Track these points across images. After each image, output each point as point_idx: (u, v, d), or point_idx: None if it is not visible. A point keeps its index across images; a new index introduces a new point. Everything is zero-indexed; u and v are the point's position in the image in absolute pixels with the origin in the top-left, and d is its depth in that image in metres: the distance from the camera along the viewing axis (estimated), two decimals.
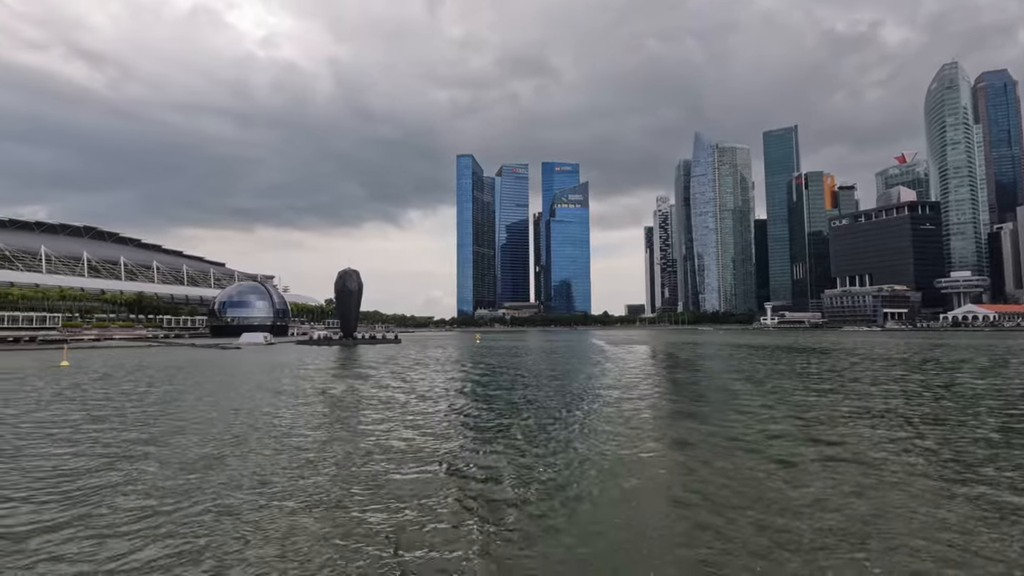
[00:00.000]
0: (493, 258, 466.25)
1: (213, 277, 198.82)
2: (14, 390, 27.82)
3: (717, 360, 48.06)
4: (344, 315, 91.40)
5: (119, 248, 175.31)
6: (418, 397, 24.66)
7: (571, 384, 29.29)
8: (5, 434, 16.36)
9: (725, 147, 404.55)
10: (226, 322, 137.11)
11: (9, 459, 13.27)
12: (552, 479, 11.27)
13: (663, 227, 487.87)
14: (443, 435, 15.95)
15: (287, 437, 15.64)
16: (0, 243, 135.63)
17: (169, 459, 13.04)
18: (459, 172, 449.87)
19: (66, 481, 11.30)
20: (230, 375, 36.61)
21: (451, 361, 50.68)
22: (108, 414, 20.08)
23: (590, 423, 17.34)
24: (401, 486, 10.91)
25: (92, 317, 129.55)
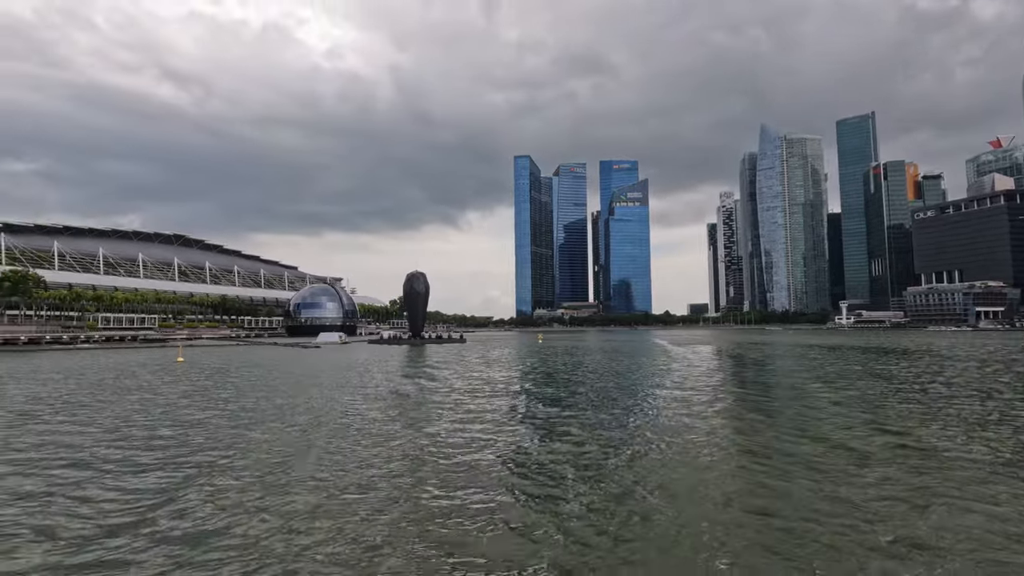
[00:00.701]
0: (551, 258, 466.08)
1: (287, 280, 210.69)
2: (160, 382, 31.46)
3: (787, 360, 46.74)
4: (412, 316, 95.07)
5: (204, 254, 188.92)
6: (495, 393, 25.97)
7: (637, 383, 29.74)
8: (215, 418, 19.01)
9: (794, 138, 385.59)
10: (300, 322, 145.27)
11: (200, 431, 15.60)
12: (616, 479, 11.18)
13: (727, 223, 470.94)
14: (513, 430, 16.92)
15: (381, 425, 17.28)
16: (105, 251, 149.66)
17: (287, 440, 14.90)
18: (516, 173, 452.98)
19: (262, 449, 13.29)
20: (324, 371, 39.48)
21: (517, 360, 51.94)
22: (244, 403, 22.65)
23: (657, 424, 17.35)
24: (479, 480, 11.29)
25: (183, 318, 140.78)
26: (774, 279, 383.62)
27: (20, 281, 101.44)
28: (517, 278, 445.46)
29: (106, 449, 14.36)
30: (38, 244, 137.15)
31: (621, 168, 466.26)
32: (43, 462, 13.08)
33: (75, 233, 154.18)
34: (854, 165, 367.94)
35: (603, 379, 31.88)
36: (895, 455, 12.88)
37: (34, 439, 15.83)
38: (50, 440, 15.64)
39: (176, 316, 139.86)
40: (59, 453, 13.98)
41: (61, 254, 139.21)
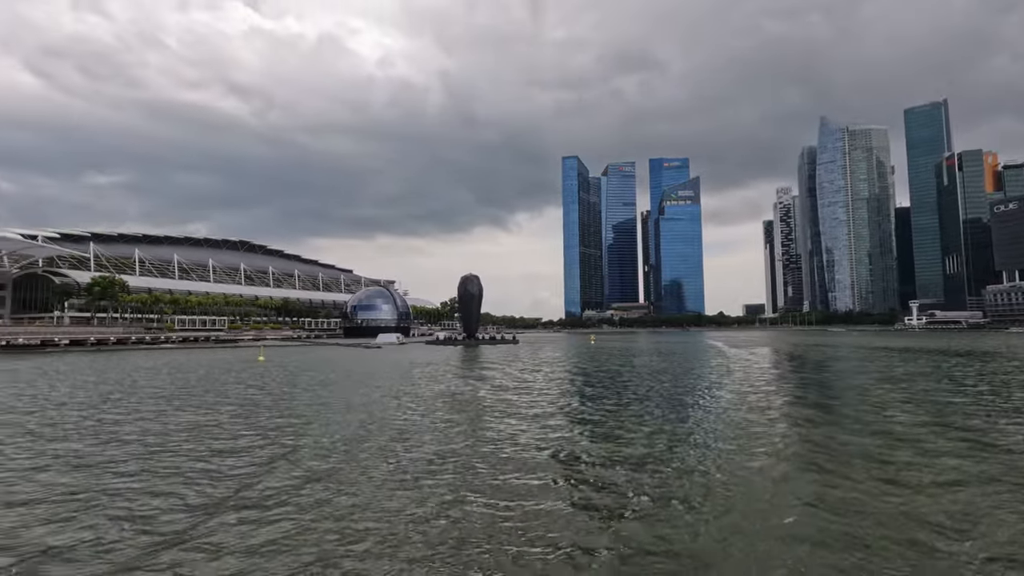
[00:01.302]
0: (600, 258, 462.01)
1: (343, 283, 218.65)
2: (266, 380, 34.12)
3: (854, 363, 45.17)
4: (466, 317, 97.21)
5: (267, 259, 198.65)
6: (560, 393, 26.76)
7: (696, 385, 29.79)
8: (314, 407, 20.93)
9: (857, 129, 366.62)
10: (357, 324, 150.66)
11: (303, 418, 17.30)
12: (670, 482, 11.06)
13: (785, 220, 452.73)
14: (575, 431, 17.52)
15: (444, 417, 18.40)
16: (180, 257, 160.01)
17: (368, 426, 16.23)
18: (564, 174, 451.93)
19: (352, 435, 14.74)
20: (398, 367, 41.45)
21: (573, 361, 52.46)
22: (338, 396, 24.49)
23: (718, 428, 16.93)
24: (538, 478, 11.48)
25: (249, 320, 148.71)
26: (836, 278, 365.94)
27: (108, 286, 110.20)
28: (566, 279, 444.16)
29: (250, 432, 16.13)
30: (121, 252, 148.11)
31: (671, 166, 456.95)
32: (202, 442, 14.90)
33: (153, 241, 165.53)
34: (924, 156, 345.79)
35: (661, 380, 32.04)
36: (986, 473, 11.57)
37: (183, 423, 17.86)
38: (203, 423, 17.60)
39: (243, 318, 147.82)
40: (216, 435, 15.81)
41: (141, 260, 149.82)
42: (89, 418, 19.66)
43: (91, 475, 11.96)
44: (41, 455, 13.80)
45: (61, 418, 19.74)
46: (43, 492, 10.71)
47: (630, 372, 37.74)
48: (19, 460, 13.35)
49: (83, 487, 11.02)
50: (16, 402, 24.12)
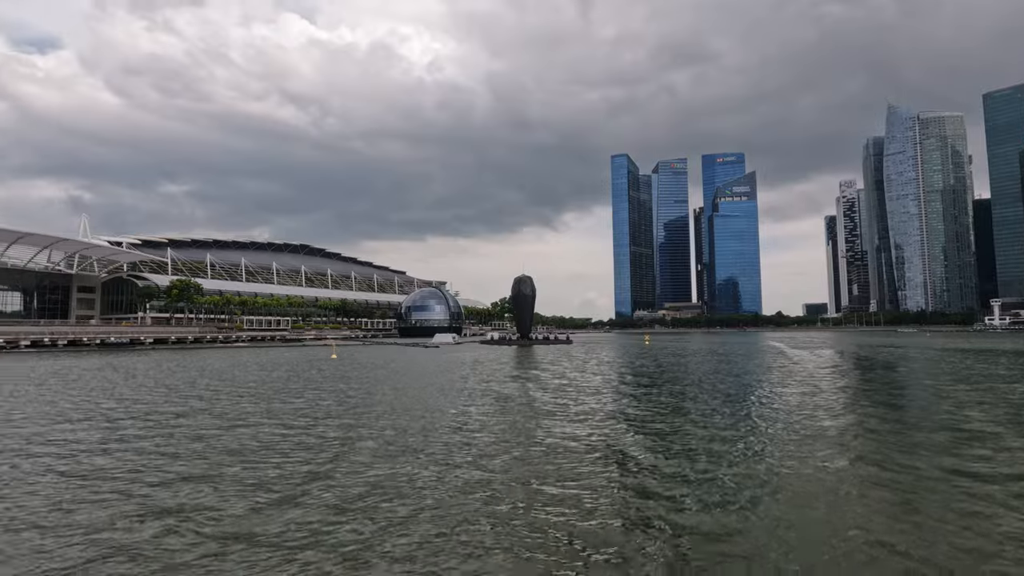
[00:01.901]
0: (651, 257, 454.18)
1: (397, 284, 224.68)
2: (352, 378, 36.39)
3: (930, 364, 43.03)
4: (520, 317, 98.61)
5: (326, 262, 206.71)
6: (619, 391, 27.19)
7: (760, 386, 29.46)
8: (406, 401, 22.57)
9: (929, 117, 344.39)
10: (411, 324, 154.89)
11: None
12: (731, 489, 10.52)
13: (848, 215, 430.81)
14: (636, 431, 17.97)
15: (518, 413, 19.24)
16: (246, 260, 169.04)
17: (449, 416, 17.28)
18: (614, 172, 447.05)
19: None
20: (458, 367, 42.92)
21: (629, 361, 52.42)
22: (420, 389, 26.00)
23: (783, 431, 16.24)
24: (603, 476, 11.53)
25: (310, 320, 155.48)
26: (907, 275, 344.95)
27: (184, 289, 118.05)
28: (616, 279, 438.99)
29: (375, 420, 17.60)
30: (194, 256, 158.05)
31: (725, 161, 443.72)
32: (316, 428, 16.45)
33: (222, 246, 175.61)
34: (1006, 144, 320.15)
35: (724, 382, 31.81)
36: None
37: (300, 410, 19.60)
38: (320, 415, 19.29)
39: (305, 318, 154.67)
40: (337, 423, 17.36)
41: (212, 264, 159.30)
42: (228, 407, 21.70)
43: (252, 443, 14.31)
44: (222, 428, 15.59)
45: (208, 404, 21.92)
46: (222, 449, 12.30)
47: (690, 373, 37.54)
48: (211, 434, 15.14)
49: (237, 451, 12.97)
50: (149, 395, 26.69)
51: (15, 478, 11.69)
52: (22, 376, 36.65)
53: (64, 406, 22.52)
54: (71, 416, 19.98)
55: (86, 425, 18.14)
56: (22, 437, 16.12)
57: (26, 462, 13.13)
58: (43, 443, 15.29)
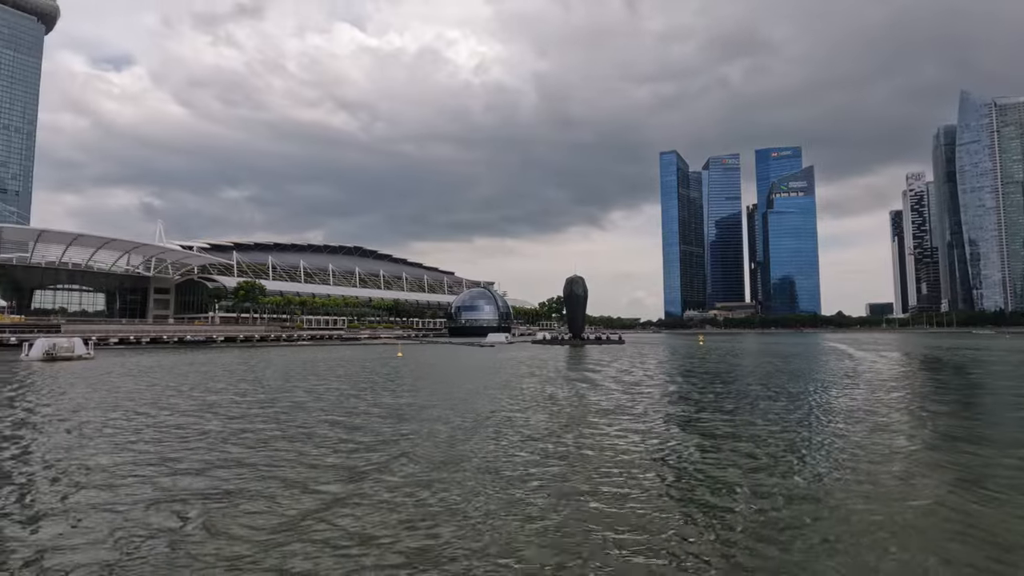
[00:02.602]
0: (702, 256, 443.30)
1: (446, 284, 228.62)
2: (422, 376, 38.18)
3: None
4: (572, 317, 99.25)
5: (378, 263, 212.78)
6: (681, 392, 27.30)
7: (828, 390, 28.85)
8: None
9: (1008, 103, 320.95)
10: (461, 324, 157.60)
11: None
12: (792, 502, 9.85)
13: (916, 210, 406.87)
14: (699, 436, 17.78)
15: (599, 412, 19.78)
16: (305, 263, 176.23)
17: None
18: (662, 169, 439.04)
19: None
20: (516, 365, 43.90)
21: (687, 361, 51.93)
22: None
23: (856, 439, 15.27)
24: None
25: (365, 320, 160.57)
26: (982, 273, 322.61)
27: (250, 290, 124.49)
28: (665, 278, 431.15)
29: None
30: (257, 258, 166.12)
31: (781, 156, 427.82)
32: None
33: (282, 248, 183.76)
34: None
35: (789, 384, 31.26)
36: None
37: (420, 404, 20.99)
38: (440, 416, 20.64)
39: (359, 318, 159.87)
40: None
41: (273, 266, 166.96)
42: (330, 401, 23.36)
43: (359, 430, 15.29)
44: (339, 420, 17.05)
45: (313, 398, 23.67)
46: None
47: (753, 374, 36.98)
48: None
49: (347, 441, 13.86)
50: (260, 388, 28.85)
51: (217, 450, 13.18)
52: (152, 368, 40.01)
53: (214, 397, 24.63)
54: (229, 404, 21.93)
55: (241, 416, 19.80)
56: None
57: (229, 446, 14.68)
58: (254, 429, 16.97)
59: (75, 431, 16.72)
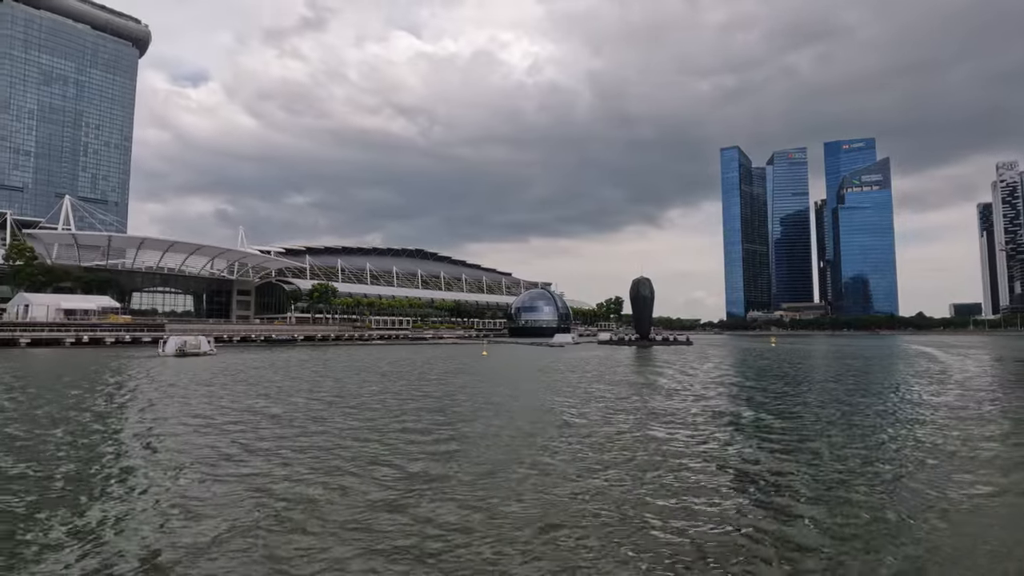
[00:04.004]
0: (766, 255, 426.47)
1: (504, 285, 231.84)
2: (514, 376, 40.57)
3: None
4: (639, 318, 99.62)
5: (438, 265, 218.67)
6: (765, 397, 27.79)
7: (927, 398, 28.47)
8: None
9: None
10: (521, 324, 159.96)
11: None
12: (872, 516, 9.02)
13: (1009, 202, 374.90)
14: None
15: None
16: (371, 265, 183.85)
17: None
18: (723, 166, 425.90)
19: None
20: (599, 364, 45.27)
21: (764, 363, 51.41)
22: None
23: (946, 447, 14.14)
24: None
25: (428, 320, 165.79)
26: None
27: (324, 292, 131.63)
28: (727, 277, 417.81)
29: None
30: (327, 262, 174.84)
31: (852, 148, 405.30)
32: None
33: (349, 252, 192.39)
34: None
35: (880, 391, 30.97)
36: None
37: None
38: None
39: (423, 318, 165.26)
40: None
41: (342, 268, 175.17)
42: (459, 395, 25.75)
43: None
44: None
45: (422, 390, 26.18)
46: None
47: (836, 378, 36.58)
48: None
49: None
50: (374, 384, 31.79)
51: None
52: (271, 364, 44.28)
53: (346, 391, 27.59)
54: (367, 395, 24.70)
55: (379, 406, 22.29)
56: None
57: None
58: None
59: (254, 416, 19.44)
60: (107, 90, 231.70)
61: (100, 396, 24.94)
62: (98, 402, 23.01)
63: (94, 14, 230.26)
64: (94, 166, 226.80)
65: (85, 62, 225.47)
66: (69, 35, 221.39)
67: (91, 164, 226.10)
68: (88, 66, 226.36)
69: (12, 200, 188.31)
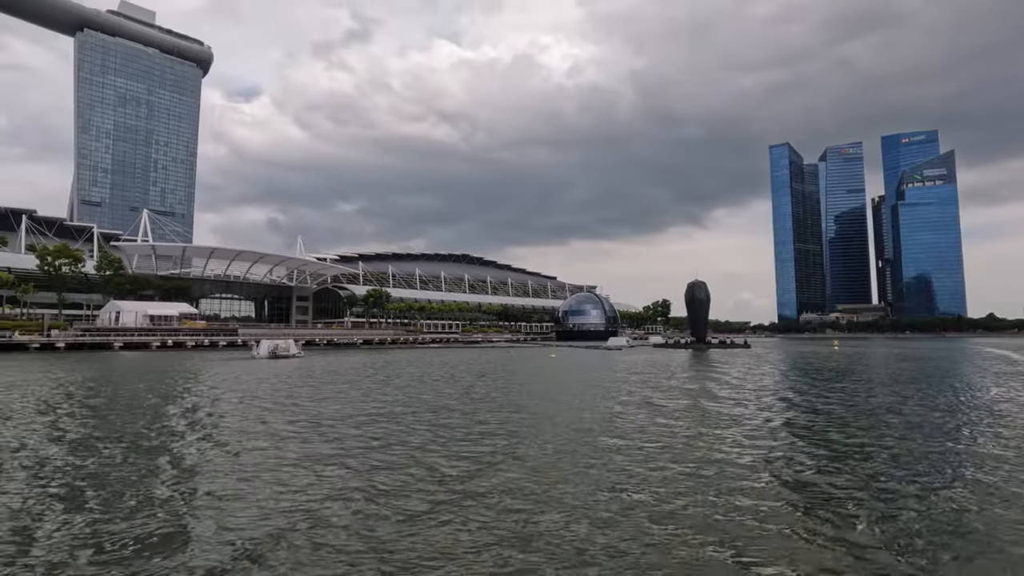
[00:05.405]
0: (819, 254, 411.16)
1: (549, 289, 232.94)
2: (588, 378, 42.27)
3: None
4: (694, 321, 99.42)
5: (484, 269, 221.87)
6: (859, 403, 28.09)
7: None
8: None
9: None
10: (568, 328, 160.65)
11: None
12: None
13: None
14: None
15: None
16: (420, 271, 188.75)
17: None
18: (772, 164, 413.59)
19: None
20: (662, 368, 46.14)
21: (838, 368, 50.79)
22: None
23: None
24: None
25: (476, 324, 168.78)
26: None
27: (379, 297, 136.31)
28: (778, 279, 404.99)
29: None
30: (379, 268, 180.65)
31: (912, 141, 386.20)
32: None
33: (399, 258, 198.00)
34: None
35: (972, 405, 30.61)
36: None
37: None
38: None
39: (471, 322, 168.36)
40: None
41: (393, 274, 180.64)
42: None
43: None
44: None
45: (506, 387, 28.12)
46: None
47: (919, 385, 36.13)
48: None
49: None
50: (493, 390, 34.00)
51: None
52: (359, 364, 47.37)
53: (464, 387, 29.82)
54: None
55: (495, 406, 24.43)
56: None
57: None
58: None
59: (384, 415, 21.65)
60: (174, 109, 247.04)
61: (249, 392, 27.46)
62: (263, 399, 25.34)
63: (162, 38, 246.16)
64: (163, 181, 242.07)
65: (155, 83, 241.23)
66: (140, 59, 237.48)
67: (160, 179, 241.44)
68: (157, 87, 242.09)
69: (92, 214, 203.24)
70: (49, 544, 8.03)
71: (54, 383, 31.35)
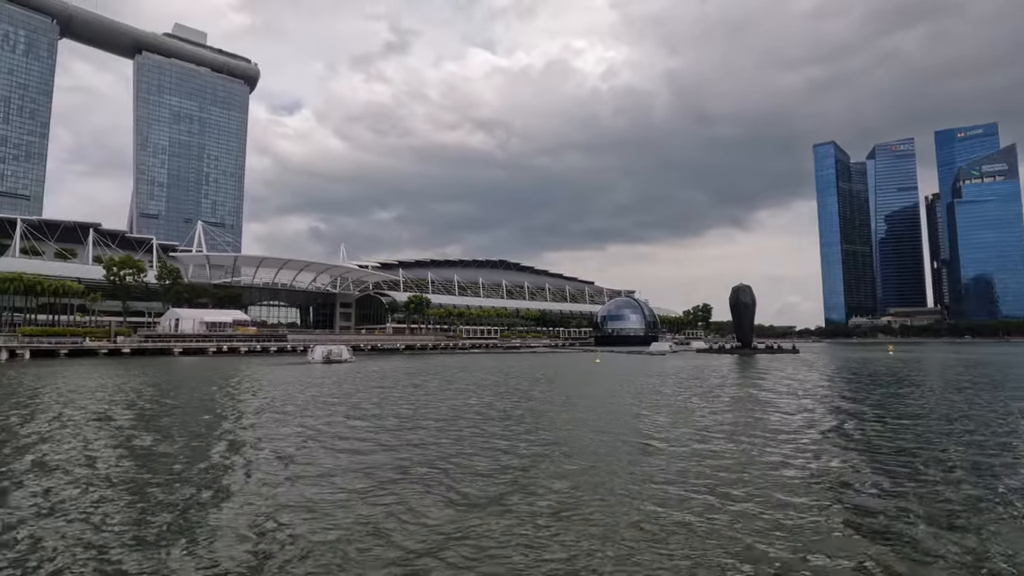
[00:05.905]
0: (869, 256, 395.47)
1: (587, 294, 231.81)
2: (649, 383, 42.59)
3: None
4: (739, 325, 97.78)
5: (521, 275, 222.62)
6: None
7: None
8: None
9: None
10: (607, 333, 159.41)
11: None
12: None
13: None
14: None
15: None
16: (458, 277, 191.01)
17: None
18: (817, 163, 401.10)
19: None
20: (719, 379, 45.75)
21: (900, 376, 49.16)
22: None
23: None
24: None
25: (514, 329, 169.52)
26: None
27: (419, 303, 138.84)
28: (824, 281, 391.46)
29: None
30: (418, 274, 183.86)
31: (969, 136, 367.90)
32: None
33: (438, 265, 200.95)
34: None
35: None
36: None
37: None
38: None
39: (510, 328, 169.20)
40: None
41: (432, 281, 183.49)
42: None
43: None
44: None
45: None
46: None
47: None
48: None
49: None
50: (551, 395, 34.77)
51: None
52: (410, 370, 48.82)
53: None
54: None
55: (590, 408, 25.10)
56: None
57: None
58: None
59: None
60: (224, 124, 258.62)
61: (319, 395, 28.94)
62: (336, 399, 27.10)
63: (212, 57, 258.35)
64: (214, 193, 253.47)
65: (206, 101, 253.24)
66: (193, 78, 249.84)
67: (211, 192, 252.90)
68: (208, 104, 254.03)
69: (150, 226, 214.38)
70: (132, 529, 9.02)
71: (134, 386, 33.54)
